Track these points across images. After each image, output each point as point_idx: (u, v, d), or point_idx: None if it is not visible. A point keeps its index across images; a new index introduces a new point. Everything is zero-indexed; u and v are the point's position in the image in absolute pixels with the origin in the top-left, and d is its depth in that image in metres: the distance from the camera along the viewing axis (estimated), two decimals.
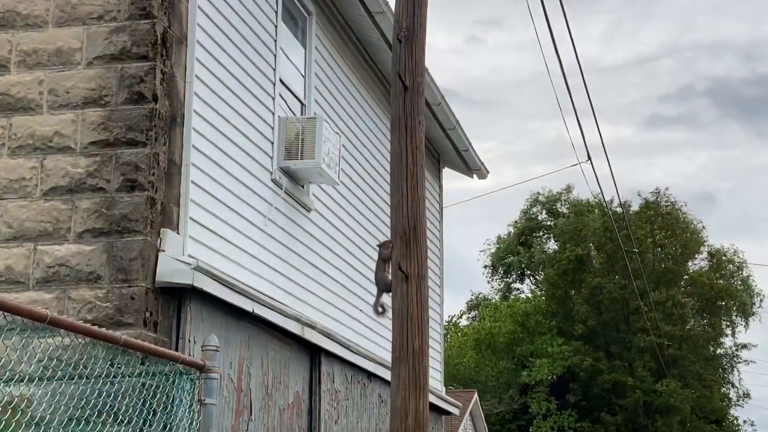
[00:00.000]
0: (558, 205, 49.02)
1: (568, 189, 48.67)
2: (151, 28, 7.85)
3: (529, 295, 48.08)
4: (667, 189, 43.14)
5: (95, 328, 5.49)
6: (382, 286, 7.52)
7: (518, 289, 50.82)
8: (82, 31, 7.98)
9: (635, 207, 41.57)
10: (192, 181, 8.11)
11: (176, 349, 7.64)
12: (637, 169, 66.72)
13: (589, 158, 16.72)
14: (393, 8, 7.70)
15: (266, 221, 9.51)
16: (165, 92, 7.90)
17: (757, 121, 75.02)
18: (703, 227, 42.46)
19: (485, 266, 51.07)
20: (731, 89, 73.45)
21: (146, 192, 7.63)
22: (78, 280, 7.60)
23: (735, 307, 42.15)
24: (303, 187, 10.46)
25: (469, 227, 69.32)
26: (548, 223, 49.26)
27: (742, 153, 72.02)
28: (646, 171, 66.69)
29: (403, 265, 6.94)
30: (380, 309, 7.91)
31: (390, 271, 7.16)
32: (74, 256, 7.64)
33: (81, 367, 6.25)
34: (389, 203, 7.48)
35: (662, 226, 40.95)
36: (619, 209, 38.20)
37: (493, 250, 50.60)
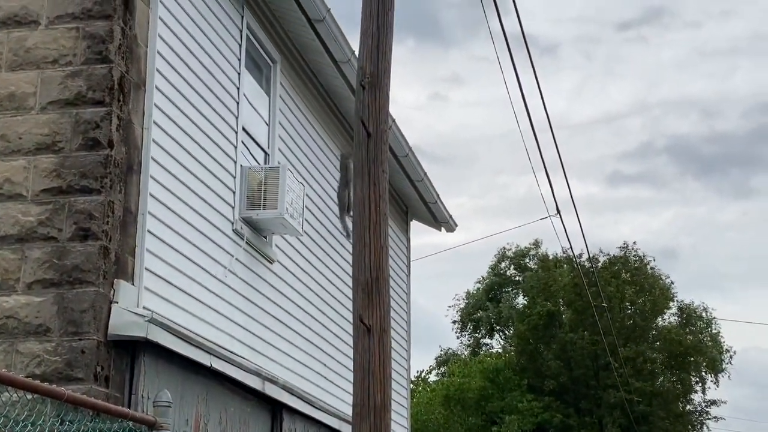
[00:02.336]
0: (526, 260, 48.92)
1: (536, 244, 48.64)
2: (107, 73, 7.62)
3: (500, 351, 47.76)
4: (635, 243, 43.12)
5: (37, 383, 5.20)
6: (341, 206, 7.24)
7: (487, 345, 50.51)
8: (37, 75, 7.74)
9: (603, 262, 41.48)
10: (148, 231, 7.84)
11: (129, 405, 7.33)
12: (605, 225, 66.93)
13: (558, 212, 16.60)
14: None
15: (226, 272, 9.23)
16: (121, 138, 7.65)
17: (716, 178, 75.65)
18: (672, 283, 42.43)
19: (454, 321, 50.78)
20: (690, 147, 74.11)
21: (100, 241, 7.35)
22: (26, 332, 7.29)
23: (705, 363, 42.00)
24: (266, 238, 10.21)
25: (439, 283, 69.15)
26: (517, 278, 49.11)
27: (704, 210, 72.49)
28: (614, 227, 66.88)
29: (364, 317, 6.68)
30: (345, 233, 7.55)
31: (352, 191, 6.92)
32: (23, 308, 7.33)
33: (29, 424, 5.94)
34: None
35: (631, 281, 40.87)
36: (587, 264, 38.10)
37: (462, 306, 50.35)
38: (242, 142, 9.80)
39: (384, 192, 7.05)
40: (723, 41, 75.29)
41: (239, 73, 9.80)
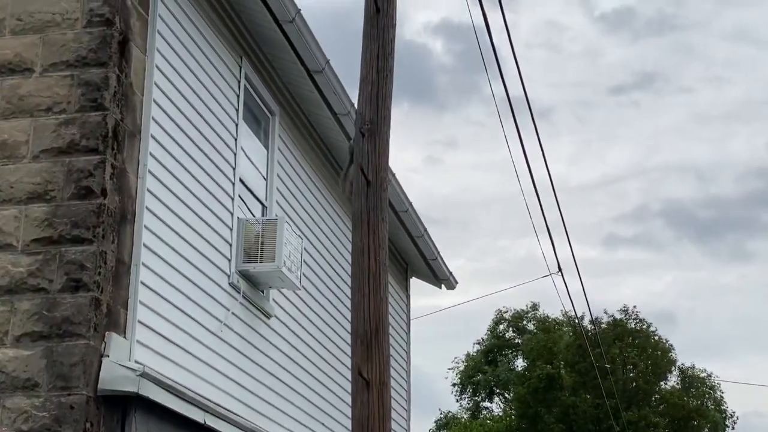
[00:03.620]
0: (524, 322, 48.57)
1: (534, 306, 48.34)
2: (102, 121, 7.46)
3: (500, 414, 47.19)
4: (635, 307, 42.77)
5: None
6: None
7: (488, 408, 49.94)
8: (29, 123, 7.58)
9: (604, 324, 41.13)
10: (142, 282, 7.63)
11: None
12: (603, 288, 66.54)
13: (560, 269, 16.38)
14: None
15: (222, 327, 9.00)
16: (115, 187, 7.47)
17: (713, 242, 75.36)
18: (672, 346, 42.02)
19: (454, 384, 50.27)
20: (685, 210, 73.98)
21: (91, 293, 7.13)
22: (14, 387, 7.04)
23: (707, 427, 41.47)
24: (263, 292, 9.98)
25: (438, 345, 68.54)
26: (516, 340, 48.71)
27: (702, 274, 72.13)
28: (612, 290, 66.51)
29: (363, 370, 6.44)
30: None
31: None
32: (11, 362, 7.09)
33: None
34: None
35: (633, 344, 40.50)
36: (590, 325, 37.76)
37: (461, 368, 49.87)
38: (239, 194, 9.62)
39: (384, 241, 6.85)
40: (717, 107, 75.56)
41: (237, 124, 9.65)
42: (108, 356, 7.08)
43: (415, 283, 16.53)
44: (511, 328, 49.24)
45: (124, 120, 7.65)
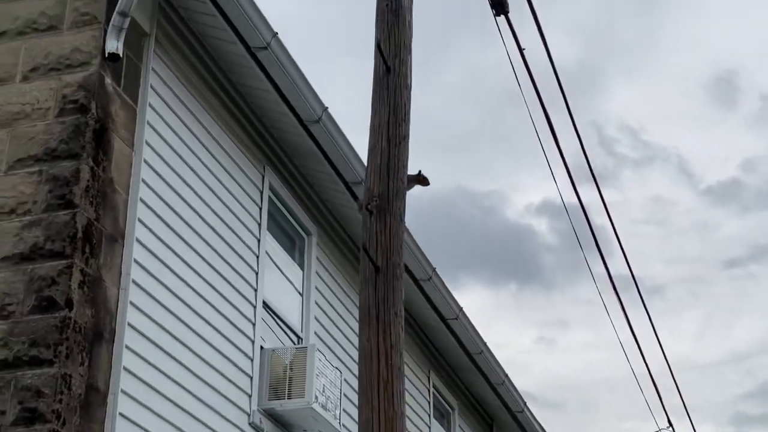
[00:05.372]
0: None
1: None
2: (70, 220, 6.28)
3: None
4: None
5: None
6: None
7: None
8: None
9: None
10: (121, 414, 6.27)
11: None
12: None
13: None
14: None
15: None
16: (85, 298, 6.21)
17: None
18: None
19: None
20: None
21: (48, 424, 5.79)
22: None
23: None
24: None
25: None
26: None
27: None
28: None
29: None
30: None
31: None
32: None
33: None
34: None
35: None
36: None
37: None
38: (262, 319, 8.28)
39: (397, 341, 5.40)
40: None
41: (259, 240, 8.39)
42: None
43: None
44: None
45: (99, 220, 6.45)
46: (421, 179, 6.20)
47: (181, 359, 7.03)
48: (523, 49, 8.06)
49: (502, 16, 7.73)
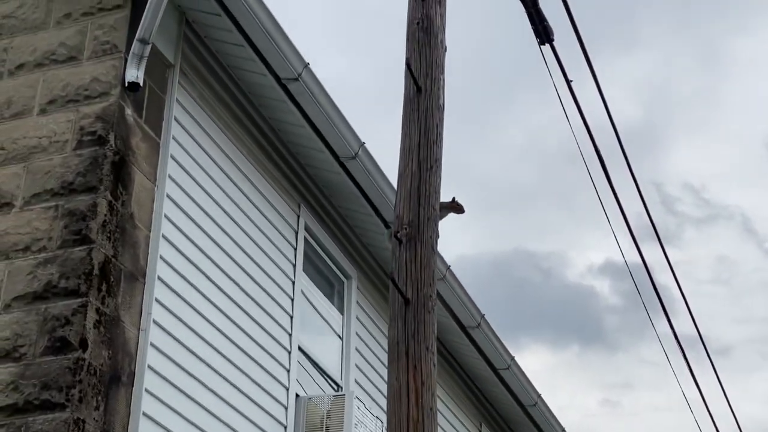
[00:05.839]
0: None
1: None
2: (86, 256, 5.94)
3: None
4: None
5: None
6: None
7: None
8: (4, 267, 6.10)
9: None
10: None
11: None
12: None
13: None
14: None
15: None
16: (102, 339, 5.84)
17: None
18: None
19: None
20: None
21: None
22: None
23: None
24: None
25: None
26: None
27: None
28: None
29: None
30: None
31: None
32: None
33: None
34: None
35: None
36: None
37: None
38: (298, 361, 7.85)
39: (428, 378, 4.95)
40: None
41: (293, 282, 8.00)
42: None
43: None
44: None
45: (118, 257, 6.10)
46: (455, 206, 5.80)
47: (207, 406, 6.62)
48: (571, 81, 7.65)
49: (547, 45, 7.37)
